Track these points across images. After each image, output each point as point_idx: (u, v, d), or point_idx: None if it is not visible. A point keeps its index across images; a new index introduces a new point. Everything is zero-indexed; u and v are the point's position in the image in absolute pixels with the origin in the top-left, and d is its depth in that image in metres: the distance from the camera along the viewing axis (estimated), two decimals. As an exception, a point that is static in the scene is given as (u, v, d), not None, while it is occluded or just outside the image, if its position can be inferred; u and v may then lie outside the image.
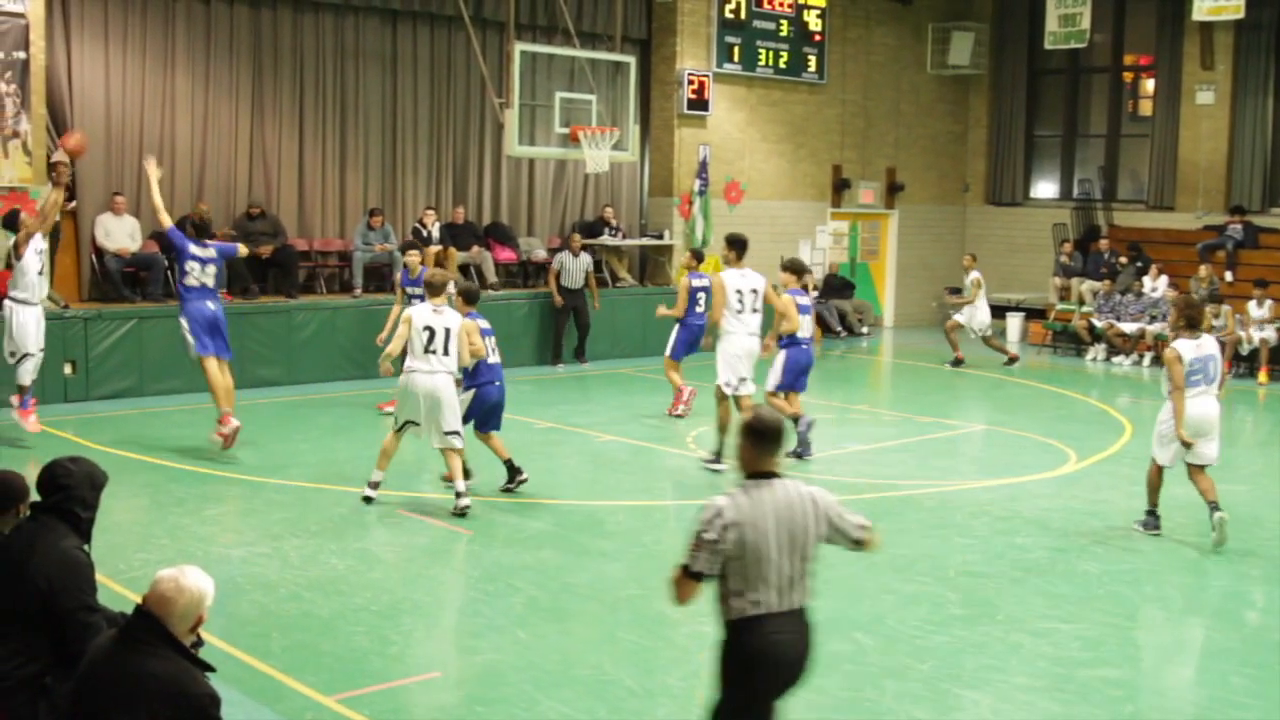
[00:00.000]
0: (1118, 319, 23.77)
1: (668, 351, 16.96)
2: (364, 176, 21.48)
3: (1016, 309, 27.09)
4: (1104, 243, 25.97)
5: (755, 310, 13.87)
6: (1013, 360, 22.64)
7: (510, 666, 8.11)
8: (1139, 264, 24.58)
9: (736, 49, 24.77)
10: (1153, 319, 23.24)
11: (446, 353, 11.67)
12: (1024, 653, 8.52)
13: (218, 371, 13.85)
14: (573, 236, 21.60)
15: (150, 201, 14.37)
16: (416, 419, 11.66)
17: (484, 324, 12.54)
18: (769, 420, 5.87)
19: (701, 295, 16.94)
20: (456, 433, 11.72)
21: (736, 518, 5.69)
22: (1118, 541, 11.40)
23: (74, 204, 18.21)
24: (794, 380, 14.48)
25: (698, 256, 18.28)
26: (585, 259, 21.20)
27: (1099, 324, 23.97)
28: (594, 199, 24.40)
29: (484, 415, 12.49)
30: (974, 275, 22.63)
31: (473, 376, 12.34)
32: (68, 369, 16.81)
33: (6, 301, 14.25)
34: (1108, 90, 28.61)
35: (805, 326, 14.47)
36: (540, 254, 22.91)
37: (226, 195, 20.05)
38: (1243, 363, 21.88)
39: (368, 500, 11.88)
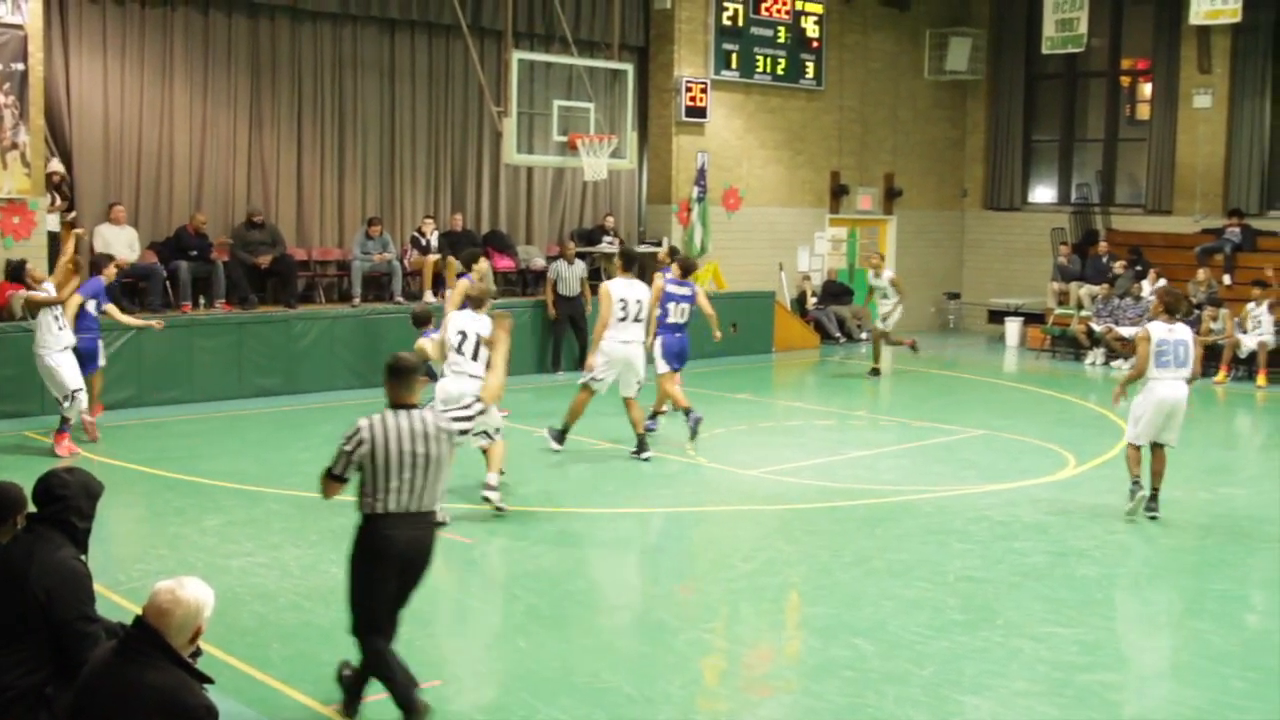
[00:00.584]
0: (1116, 323, 23.78)
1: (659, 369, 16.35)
2: (362, 185, 21.50)
3: (1015, 313, 27.11)
4: (1102, 246, 25.99)
5: (638, 320, 14.65)
6: (911, 346, 22.54)
7: (510, 674, 8.11)
8: (1138, 268, 24.59)
9: (734, 56, 24.81)
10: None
11: (475, 357, 11.87)
12: (1023, 658, 8.52)
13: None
14: (566, 244, 21.64)
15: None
16: None
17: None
18: (403, 361, 7.59)
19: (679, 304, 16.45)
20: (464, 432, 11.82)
21: (368, 436, 7.19)
22: (1117, 546, 11.41)
23: (73, 215, 18.23)
24: (674, 362, 15.37)
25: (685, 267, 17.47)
26: (580, 266, 21.21)
27: (1098, 328, 23.99)
28: (592, 207, 24.43)
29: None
30: (888, 275, 21.83)
31: None
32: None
33: (36, 351, 14.32)
34: (1105, 94, 28.65)
35: (675, 314, 15.33)
36: (539, 262, 22.92)
37: (225, 205, 20.07)
38: (1241, 366, 21.88)
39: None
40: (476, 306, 12.23)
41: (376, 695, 7.72)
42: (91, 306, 15.09)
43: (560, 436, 14.83)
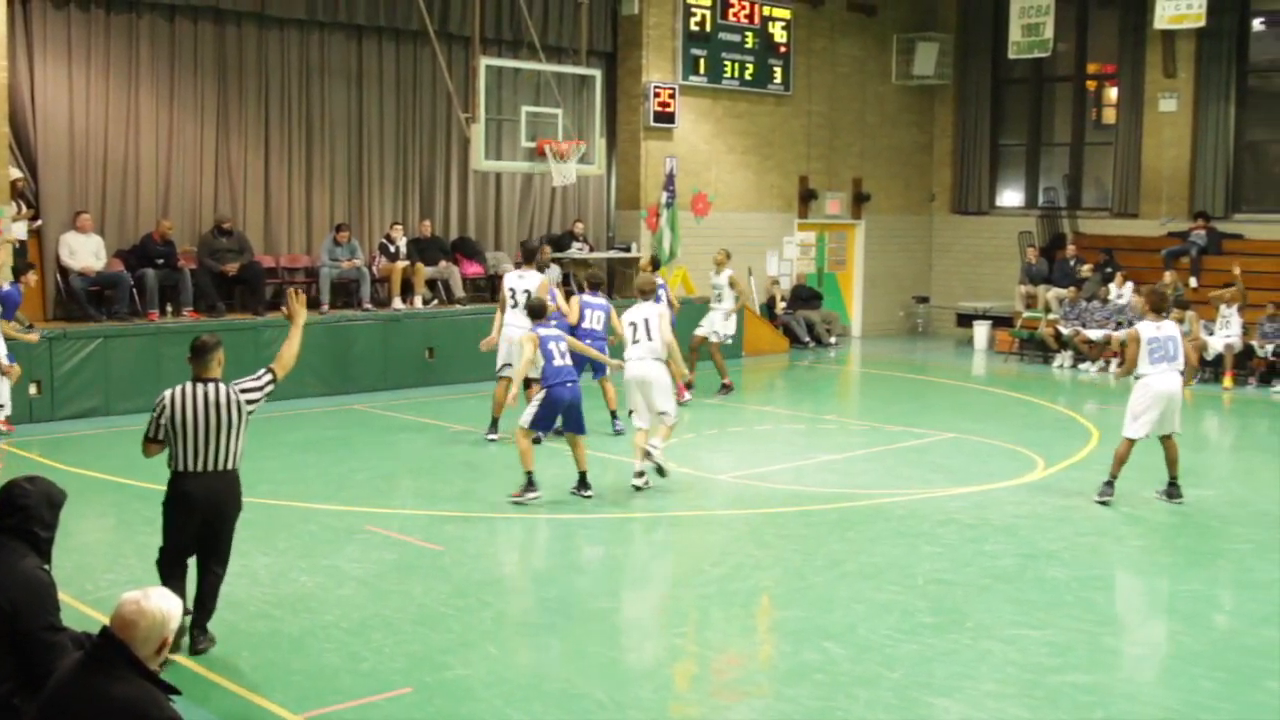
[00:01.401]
0: (1084, 326, 23.89)
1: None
2: (330, 192, 21.44)
3: (983, 317, 27.19)
4: (1070, 250, 26.11)
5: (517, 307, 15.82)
6: (726, 389, 19.86)
7: (481, 682, 8.09)
8: (1108, 269, 24.68)
9: (702, 61, 24.84)
10: (1119, 325, 23.35)
11: (650, 338, 13.53)
12: (993, 660, 8.54)
13: None
14: (543, 249, 21.60)
15: None
16: None
17: (547, 331, 13.07)
18: (201, 340, 8.54)
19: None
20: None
21: (168, 405, 8.33)
22: (1086, 548, 11.45)
23: (39, 223, 18.13)
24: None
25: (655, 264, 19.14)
26: (554, 272, 21.19)
27: (1065, 331, 24.08)
28: (561, 212, 24.41)
29: (561, 415, 12.88)
30: (728, 273, 20.09)
31: (544, 379, 12.84)
32: (33, 389, 16.69)
33: None
34: (1071, 99, 28.77)
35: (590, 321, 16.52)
36: (507, 268, 22.86)
37: (192, 212, 19.97)
38: (1208, 368, 21.99)
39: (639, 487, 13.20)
40: (645, 296, 13.84)
41: (352, 702, 7.70)
42: None
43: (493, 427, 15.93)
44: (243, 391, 8.45)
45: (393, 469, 14.46)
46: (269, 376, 8.62)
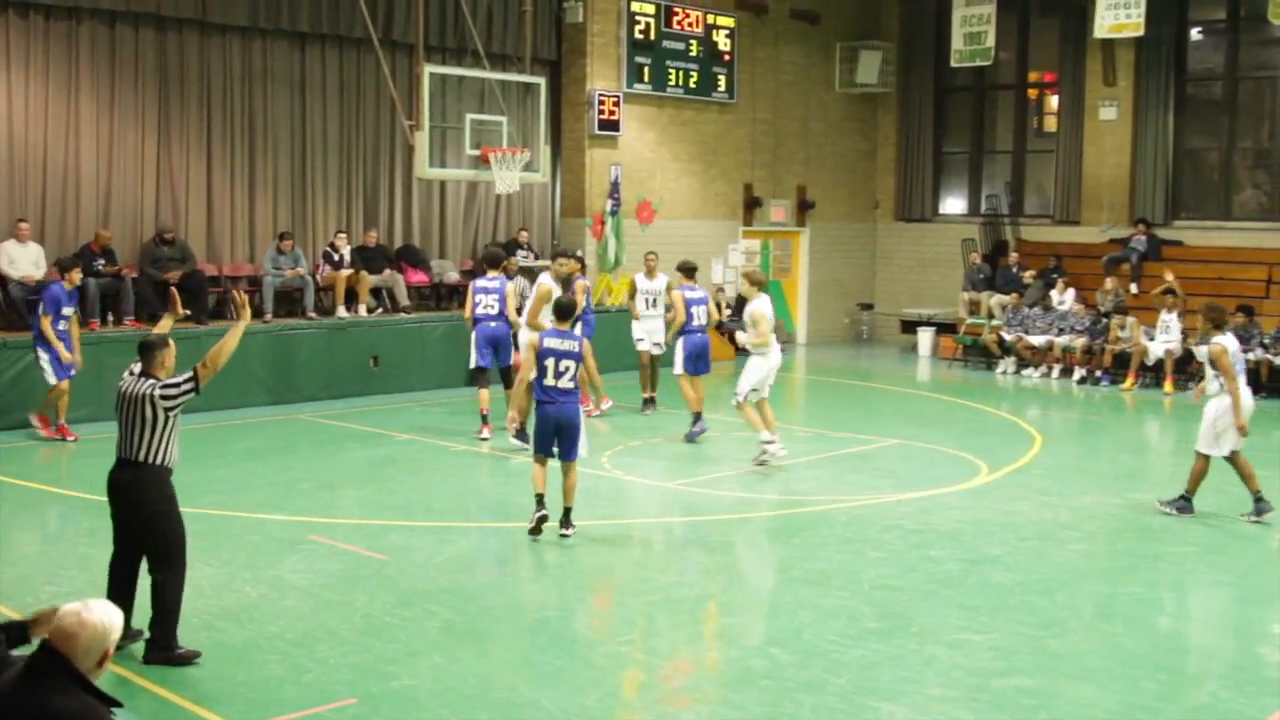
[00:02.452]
0: (1026, 332, 24.06)
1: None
2: (273, 200, 21.32)
3: (927, 323, 27.35)
4: (1013, 257, 26.30)
5: (487, 309, 16.53)
6: (650, 401, 19.06)
7: (427, 691, 8.06)
8: (1054, 275, 24.87)
9: (646, 69, 24.87)
10: (1060, 331, 23.56)
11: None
12: (938, 664, 8.58)
13: None
14: (510, 259, 21.53)
15: None
16: None
17: (554, 342, 11.74)
18: (148, 339, 8.91)
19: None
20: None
21: (117, 398, 8.65)
22: (1029, 552, 11.53)
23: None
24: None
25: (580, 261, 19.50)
26: (521, 282, 21.10)
27: (1009, 338, 24.25)
28: (506, 220, 24.37)
29: (555, 437, 11.72)
30: (665, 279, 19.03)
31: (534, 393, 12.04)
32: (-28, 399, 16.54)
33: None
34: (1013, 107, 29.02)
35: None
36: (453, 276, 22.85)
37: (133, 221, 19.82)
38: (1148, 373, 22.20)
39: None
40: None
41: (297, 713, 7.65)
42: None
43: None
44: (162, 387, 8.60)
45: (337, 478, 14.39)
46: (190, 375, 8.70)
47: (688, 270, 17.85)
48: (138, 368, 8.75)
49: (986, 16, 26.13)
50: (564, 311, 11.99)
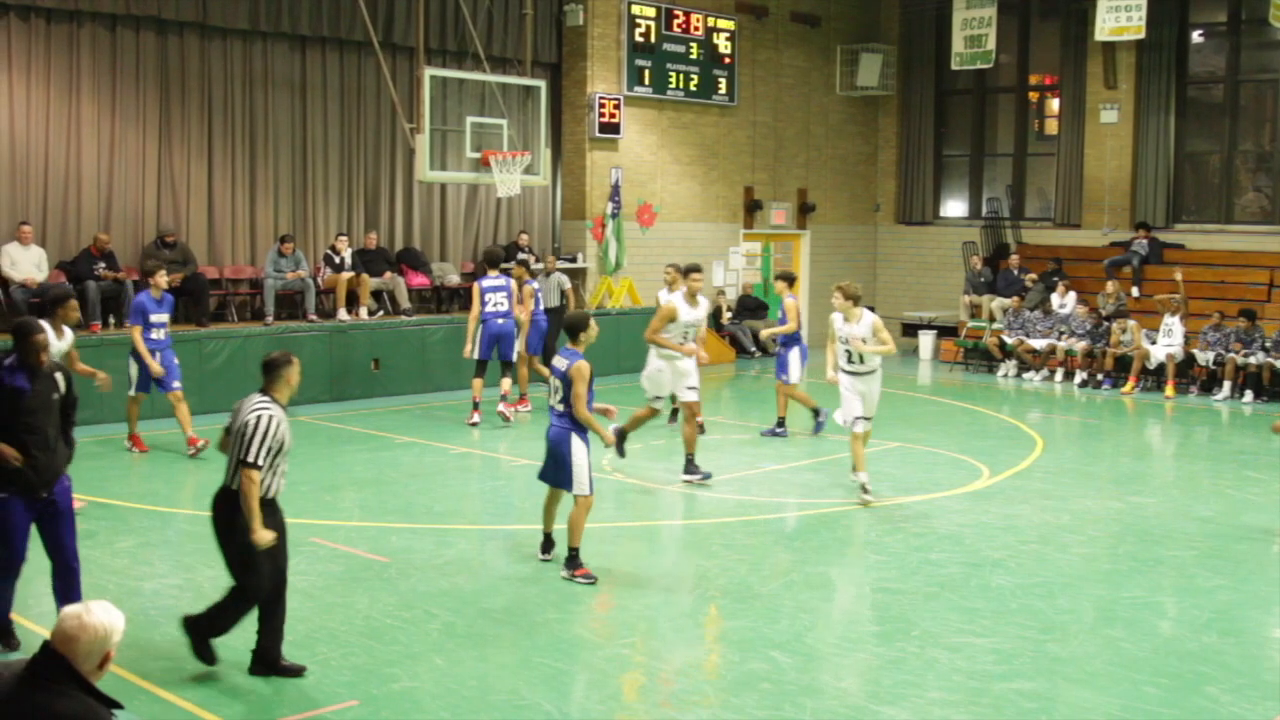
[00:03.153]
0: (1027, 335, 24.06)
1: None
2: (274, 203, 21.33)
3: (928, 327, 27.34)
4: (1014, 260, 26.29)
5: (497, 306, 17.67)
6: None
7: (428, 694, 8.05)
8: (1054, 279, 24.87)
9: (647, 72, 24.88)
10: (1061, 335, 23.55)
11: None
12: (940, 668, 8.58)
13: None
14: (548, 258, 21.77)
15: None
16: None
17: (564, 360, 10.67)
18: (269, 355, 8.45)
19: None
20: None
21: (280, 423, 8.24)
22: (1030, 555, 11.53)
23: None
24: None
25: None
26: (558, 277, 21.29)
27: (1010, 341, 24.25)
28: (507, 223, 24.37)
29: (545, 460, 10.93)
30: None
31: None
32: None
33: None
34: (1014, 110, 29.04)
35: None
36: (454, 279, 22.85)
37: (135, 224, 19.83)
38: (1149, 377, 22.19)
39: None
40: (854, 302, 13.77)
41: (298, 715, 7.65)
42: None
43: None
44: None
45: (338, 480, 14.39)
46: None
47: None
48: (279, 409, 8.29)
49: (987, 19, 26.14)
50: (572, 329, 10.88)
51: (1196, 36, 26.67)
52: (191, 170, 20.38)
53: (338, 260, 20.86)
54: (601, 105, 24.21)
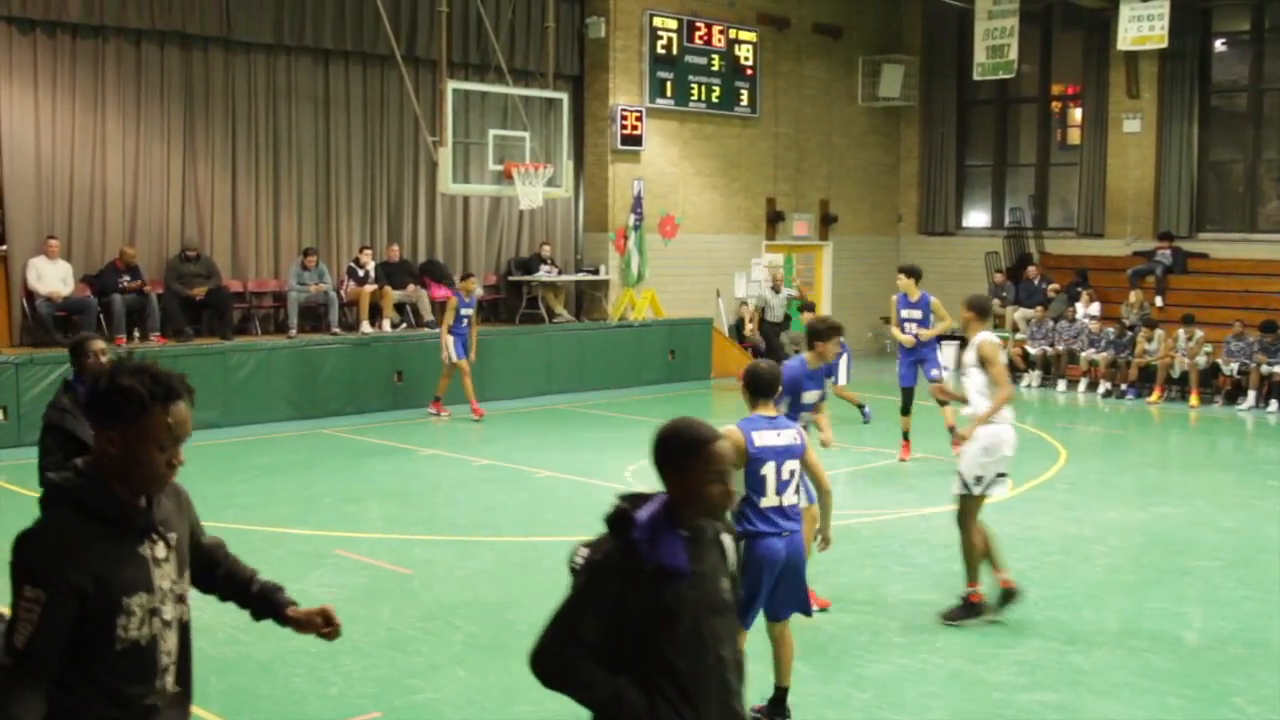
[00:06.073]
0: (1050, 346, 24.01)
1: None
2: (298, 216, 21.41)
3: (951, 337, 27.24)
4: (1031, 270, 26.25)
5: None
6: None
7: (450, 705, 8.07)
8: (1078, 289, 24.81)
9: (669, 84, 24.91)
10: (1085, 345, 23.48)
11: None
12: (963, 679, 8.56)
13: None
14: (775, 273, 22.16)
15: None
16: None
17: (765, 436, 7.53)
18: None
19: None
20: None
21: None
22: (1054, 566, 11.49)
23: (4, 247, 18.04)
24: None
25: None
26: (785, 294, 21.77)
27: (1032, 351, 24.19)
28: (529, 235, 24.42)
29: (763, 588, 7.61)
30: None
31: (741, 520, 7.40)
32: (-1, 415, 16.64)
33: None
34: (1036, 120, 29.00)
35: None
36: (477, 292, 22.86)
37: (159, 237, 19.93)
38: (1174, 386, 22.13)
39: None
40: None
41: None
42: None
43: None
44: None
45: (361, 492, 14.43)
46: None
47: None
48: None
49: (1009, 29, 26.09)
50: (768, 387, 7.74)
51: (1219, 45, 26.61)
52: (215, 183, 20.48)
53: (361, 273, 20.93)
54: (623, 117, 24.25)
